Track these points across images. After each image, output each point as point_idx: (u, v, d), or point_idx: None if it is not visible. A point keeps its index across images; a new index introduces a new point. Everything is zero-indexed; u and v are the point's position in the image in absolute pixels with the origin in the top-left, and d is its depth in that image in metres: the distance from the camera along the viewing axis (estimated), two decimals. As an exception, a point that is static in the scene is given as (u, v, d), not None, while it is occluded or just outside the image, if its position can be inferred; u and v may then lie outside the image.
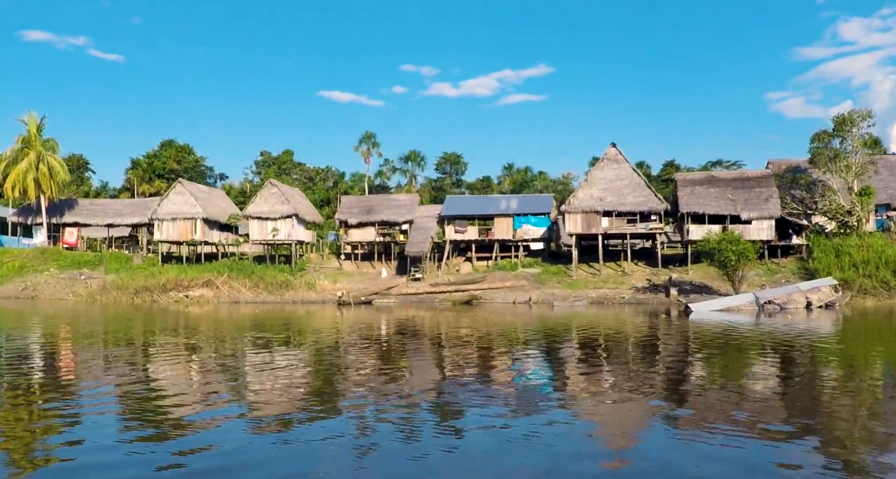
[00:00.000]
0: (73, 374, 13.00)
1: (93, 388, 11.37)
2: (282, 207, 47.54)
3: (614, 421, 8.98)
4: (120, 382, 11.94)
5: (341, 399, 10.49)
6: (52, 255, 48.77)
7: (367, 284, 44.67)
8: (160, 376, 12.72)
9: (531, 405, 9.64)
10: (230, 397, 10.70)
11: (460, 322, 26.34)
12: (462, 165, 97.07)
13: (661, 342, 18.89)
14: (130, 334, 21.74)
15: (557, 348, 17.73)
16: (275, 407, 9.65)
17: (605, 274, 43.64)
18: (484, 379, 12.13)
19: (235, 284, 40.56)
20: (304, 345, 18.19)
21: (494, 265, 47.11)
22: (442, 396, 10.66)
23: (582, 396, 10.63)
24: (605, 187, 43.93)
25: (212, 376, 12.75)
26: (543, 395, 10.61)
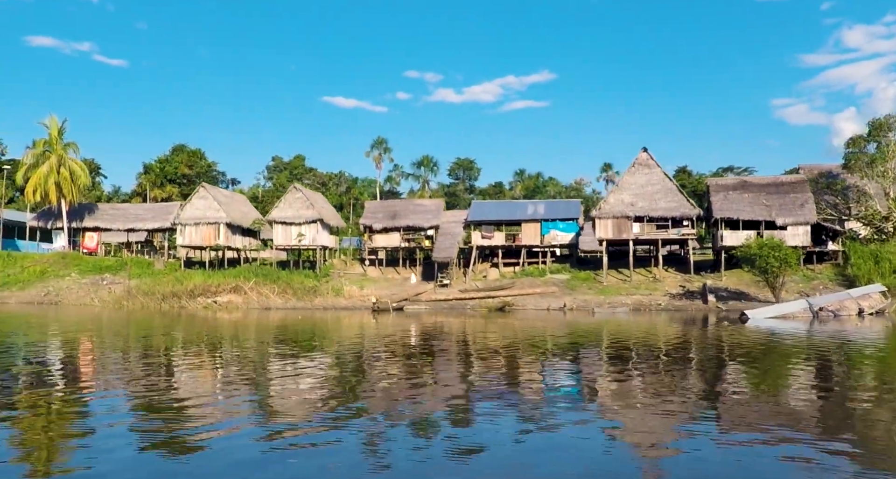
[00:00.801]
0: (111, 382, 12.34)
1: (122, 396, 10.74)
2: (306, 212, 46.96)
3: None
4: (150, 389, 11.31)
5: (378, 405, 10.14)
6: (73, 260, 48.15)
7: (394, 290, 44.01)
8: (194, 386, 12.00)
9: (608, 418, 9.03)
10: (255, 406, 10.14)
11: (501, 329, 25.72)
12: (475, 171, 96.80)
13: (739, 353, 18.26)
14: (160, 340, 21.09)
15: (627, 358, 17.07)
16: (299, 412, 9.44)
17: (635, 280, 43.03)
18: (544, 389, 11.57)
19: (264, 289, 39.90)
20: (349, 352, 17.57)
21: (521, 271, 46.50)
22: (490, 403, 10.14)
23: (677, 414, 10.00)
24: (636, 192, 43.39)
25: (249, 386, 12.10)
26: (618, 410, 9.96)
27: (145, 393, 10.87)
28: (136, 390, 11.13)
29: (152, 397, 10.56)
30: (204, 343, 19.94)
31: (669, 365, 15.14)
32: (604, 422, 8.93)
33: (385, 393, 11.29)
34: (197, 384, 12.16)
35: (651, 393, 11.19)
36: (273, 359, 16.15)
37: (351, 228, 63.44)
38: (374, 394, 11.24)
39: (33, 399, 10.35)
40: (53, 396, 10.67)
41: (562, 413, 9.50)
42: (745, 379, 12.93)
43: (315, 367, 14.63)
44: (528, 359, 16.28)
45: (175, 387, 11.81)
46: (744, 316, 28.28)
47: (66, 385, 11.74)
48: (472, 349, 18.66)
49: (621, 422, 8.87)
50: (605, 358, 16.59)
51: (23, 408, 9.71)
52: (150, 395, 10.73)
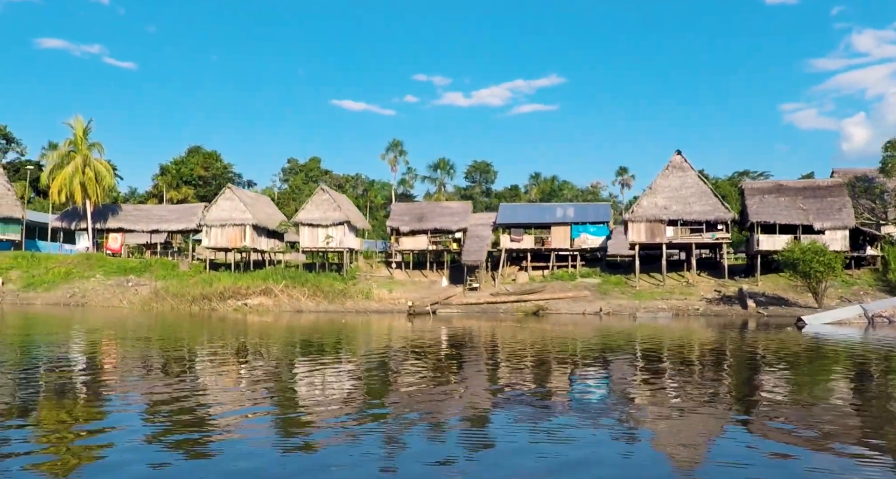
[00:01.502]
0: (150, 390, 11.86)
1: (158, 404, 10.34)
2: (334, 214, 46.44)
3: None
4: (181, 394, 10.95)
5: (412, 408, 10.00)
6: (97, 261, 47.69)
7: (422, 293, 43.44)
8: (225, 394, 11.56)
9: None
10: (287, 412, 9.81)
11: (543, 334, 25.19)
12: (492, 174, 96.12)
13: (812, 361, 17.66)
14: (195, 344, 20.57)
15: (695, 365, 16.47)
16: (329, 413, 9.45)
17: (668, 285, 42.42)
18: (612, 401, 10.97)
19: (295, 292, 39.38)
20: (399, 355, 17.02)
21: (551, 275, 45.90)
22: (538, 412, 9.76)
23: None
24: (669, 196, 42.78)
25: (298, 392, 11.58)
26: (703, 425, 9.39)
27: (192, 402, 10.34)
28: (185, 399, 10.60)
29: (196, 405, 10.09)
30: (249, 349, 19.41)
31: (752, 374, 14.54)
32: (750, 436, 8.36)
33: (439, 396, 10.80)
34: (244, 395, 11.62)
35: (745, 405, 10.61)
36: (323, 363, 15.62)
37: (370, 231, 62.81)
38: (431, 398, 10.77)
39: (85, 403, 9.87)
40: (97, 399, 10.17)
41: (640, 431, 8.94)
42: (855, 391, 12.34)
43: (373, 374, 14.09)
44: (591, 365, 15.69)
45: (221, 398, 11.28)
46: (801, 322, 27.69)
47: (111, 391, 11.22)
48: (523, 355, 18.06)
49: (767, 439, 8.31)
50: (672, 364, 15.99)
51: (80, 417, 9.23)
52: (195, 404, 10.21)
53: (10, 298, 43.36)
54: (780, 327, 28.48)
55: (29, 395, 11.09)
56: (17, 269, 46.80)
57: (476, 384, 12.92)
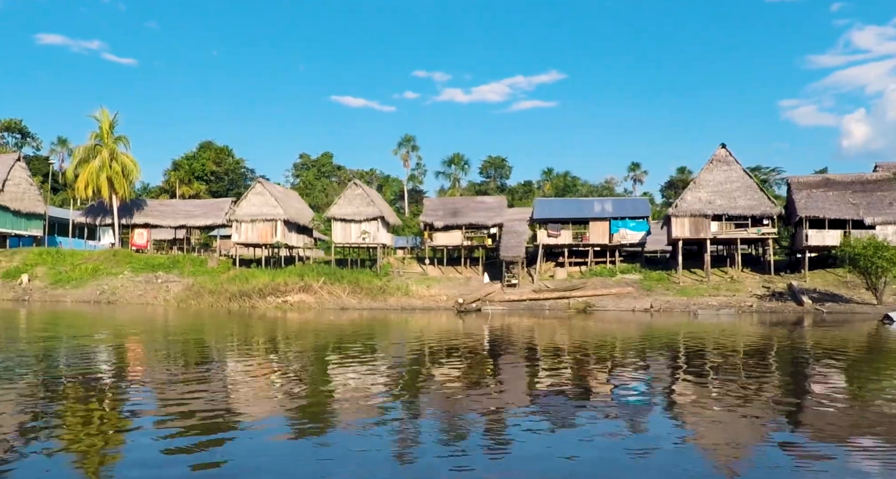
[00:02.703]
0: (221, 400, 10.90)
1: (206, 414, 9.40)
2: (367, 209, 45.41)
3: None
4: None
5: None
6: (123, 257, 46.57)
7: (460, 290, 42.49)
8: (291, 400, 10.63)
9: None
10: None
11: (604, 332, 24.31)
12: (506, 169, 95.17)
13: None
14: (253, 345, 19.59)
15: (803, 365, 15.53)
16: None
17: (712, 281, 41.57)
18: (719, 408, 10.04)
19: (336, 289, 38.36)
20: (486, 356, 16.10)
21: (589, 271, 45.03)
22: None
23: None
24: (714, 190, 41.93)
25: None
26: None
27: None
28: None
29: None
30: (322, 350, 18.42)
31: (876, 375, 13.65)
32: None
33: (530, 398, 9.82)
34: (320, 399, 10.66)
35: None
36: (399, 365, 14.65)
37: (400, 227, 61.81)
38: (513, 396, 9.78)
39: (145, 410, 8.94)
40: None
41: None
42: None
43: (469, 379, 13.15)
44: (691, 368, 14.76)
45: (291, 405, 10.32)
46: (888, 319, 26.83)
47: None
48: (599, 355, 17.15)
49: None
50: (779, 363, 15.06)
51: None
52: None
53: (39, 295, 42.26)
54: (838, 323, 27.68)
55: (100, 397, 10.14)
56: (43, 265, 45.69)
57: (555, 383, 12.21)
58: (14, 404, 9.61)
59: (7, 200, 48.29)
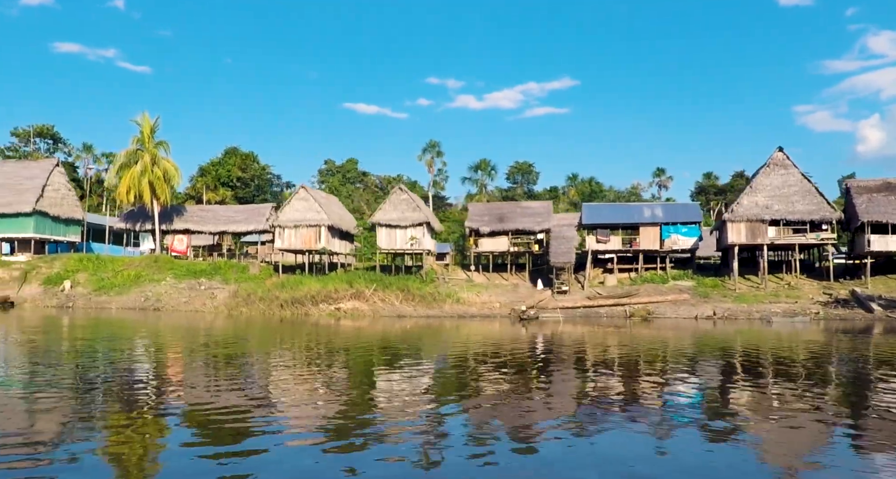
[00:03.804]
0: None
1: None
2: (413, 215, 44.64)
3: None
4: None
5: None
6: (165, 263, 45.86)
7: (509, 296, 41.60)
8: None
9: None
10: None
11: (679, 341, 23.34)
12: (533, 175, 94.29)
13: None
14: (335, 360, 18.80)
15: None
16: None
17: (769, 288, 40.53)
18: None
19: (389, 296, 37.53)
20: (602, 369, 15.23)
21: (639, 277, 44.07)
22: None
23: None
24: (771, 194, 40.95)
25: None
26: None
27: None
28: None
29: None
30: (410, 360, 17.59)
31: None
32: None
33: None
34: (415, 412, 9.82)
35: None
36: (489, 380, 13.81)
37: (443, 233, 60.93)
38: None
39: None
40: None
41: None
42: None
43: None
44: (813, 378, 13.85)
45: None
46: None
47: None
48: (689, 366, 16.26)
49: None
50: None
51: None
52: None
53: (82, 302, 41.61)
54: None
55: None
56: (84, 271, 45.03)
57: (672, 396, 11.60)
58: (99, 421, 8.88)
59: (46, 206, 47.80)
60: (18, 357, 16.83)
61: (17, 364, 15.38)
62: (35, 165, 50.63)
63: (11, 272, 44.99)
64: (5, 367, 14.84)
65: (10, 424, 9.02)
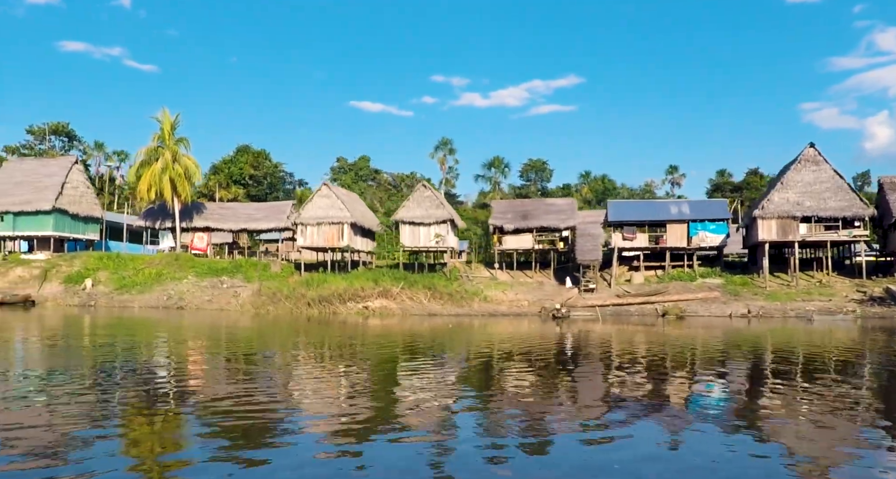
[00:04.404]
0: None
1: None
2: (437, 212, 44.13)
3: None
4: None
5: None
6: (186, 262, 45.42)
7: (535, 294, 41.09)
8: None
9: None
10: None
11: (728, 340, 22.79)
12: (547, 173, 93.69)
13: None
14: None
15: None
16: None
17: (800, 285, 39.93)
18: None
19: (418, 294, 37.01)
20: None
21: (666, 275, 43.50)
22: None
23: None
24: (802, 191, 40.33)
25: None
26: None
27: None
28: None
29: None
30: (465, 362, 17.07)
31: None
32: None
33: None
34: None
35: None
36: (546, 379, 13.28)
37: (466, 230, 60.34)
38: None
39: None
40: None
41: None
42: None
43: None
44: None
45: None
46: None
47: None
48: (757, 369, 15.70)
49: None
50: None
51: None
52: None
53: (105, 300, 41.19)
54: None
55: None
56: (104, 270, 44.62)
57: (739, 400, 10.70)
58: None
59: (66, 204, 47.39)
60: (62, 360, 16.38)
61: (61, 366, 14.92)
62: (54, 163, 50.23)
63: (31, 271, 44.59)
64: (47, 369, 14.38)
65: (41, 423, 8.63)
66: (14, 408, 9.77)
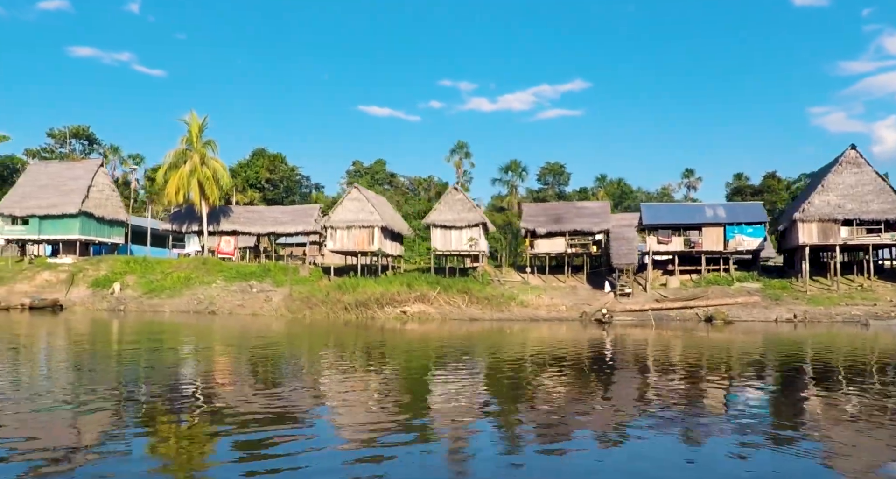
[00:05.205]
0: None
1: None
2: (469, 215, 43.53)
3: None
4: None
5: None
6: (213, 265, 44.88)
7: (570, 299, 40.45)
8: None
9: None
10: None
11: (791, 347, 22.08)
12: (565, 176, 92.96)
13: None
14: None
15: None
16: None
17: (840, 289, 39.23)
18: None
19: (455, 299, 36.39)
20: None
21: (701, 279, 42.82)
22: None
23: None
24: (844, 193, 39.68)
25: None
26: None
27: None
28: None
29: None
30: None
31: None
32: None
33: None
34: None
35: None
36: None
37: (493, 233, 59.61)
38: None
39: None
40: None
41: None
42: None
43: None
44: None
45: None
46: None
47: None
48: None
49: None
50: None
51: None
52: None
53: (134, 305, 40.64)
54: None
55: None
56: (132, 274, 44.11)
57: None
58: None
59: (92, 207, 46.91)
60: (105, 368, 15.79)
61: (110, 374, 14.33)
62: (79, 166, 49.76)
63: (58, 275, 44.11)
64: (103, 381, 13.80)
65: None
66: (40, 414, 9.48)
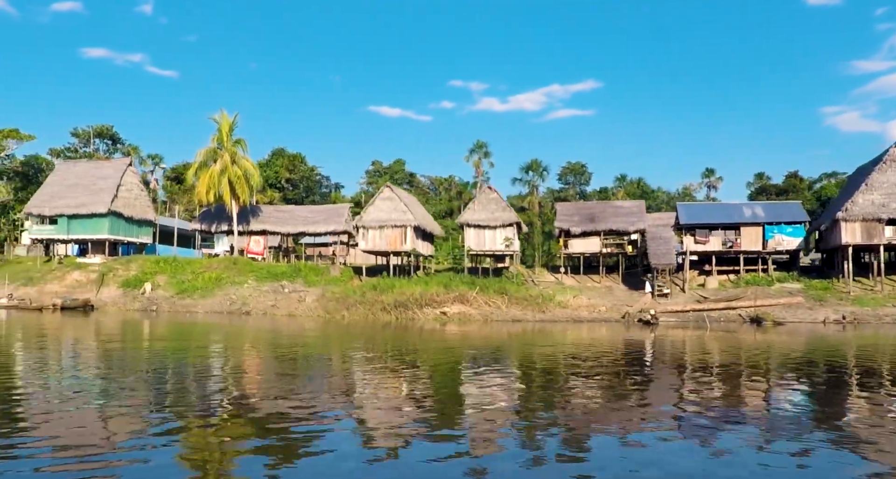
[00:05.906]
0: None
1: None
2: (503, 215, 42.96)
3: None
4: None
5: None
6: (244, 265, 44.45)
7: (607, 299, 39.81)
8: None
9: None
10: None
11: (863, 352, 21.37)
12: (586, 176, 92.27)
13: None
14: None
15: None
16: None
17: (885, 290, 38.42)
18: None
19: (495, 299, 35.82)
20: None
21: (740, 279, 42.08)
22: None
23: None
24: (888, 192, 38.90)
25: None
26: None
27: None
28: None
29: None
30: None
31: None
32: None
33: None
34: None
35: None
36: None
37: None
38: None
39: None
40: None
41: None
42: None
43: None
44: None
45: None
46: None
47: None
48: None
49: None
50: None
51: None
52: None
53: (166, 305, 40.24)
54: None
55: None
56: (162, 274, 43.74)
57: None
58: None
59: (121, 207, 46.61)
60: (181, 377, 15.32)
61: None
62: (108, 165, 49.51)
63: (88, 275, 43.80)
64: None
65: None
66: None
